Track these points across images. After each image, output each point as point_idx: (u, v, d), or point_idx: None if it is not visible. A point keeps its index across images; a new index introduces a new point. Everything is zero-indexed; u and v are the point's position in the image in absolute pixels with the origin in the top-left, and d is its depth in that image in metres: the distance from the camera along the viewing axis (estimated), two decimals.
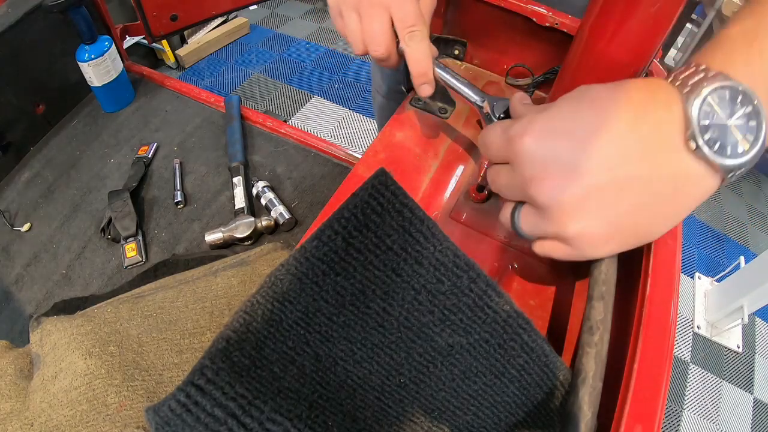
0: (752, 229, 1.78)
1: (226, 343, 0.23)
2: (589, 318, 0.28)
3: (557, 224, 0.27)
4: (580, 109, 0.27)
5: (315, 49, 2.23)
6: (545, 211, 0.27)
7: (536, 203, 0.28)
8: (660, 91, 0.25)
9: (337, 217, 0.25)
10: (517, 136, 0.28)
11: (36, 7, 0.67)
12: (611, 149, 0.25)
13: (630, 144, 0.25)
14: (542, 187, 0.27)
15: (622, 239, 0.27)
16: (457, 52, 0.54)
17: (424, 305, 0.26)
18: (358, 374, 0.26)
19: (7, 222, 0.64)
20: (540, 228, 0.28)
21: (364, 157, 0.44)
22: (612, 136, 0.25)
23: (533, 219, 0.29)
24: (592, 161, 0.25)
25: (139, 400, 0.43)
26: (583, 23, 0.36)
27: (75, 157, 0.72)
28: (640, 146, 0.25)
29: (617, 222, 0.26)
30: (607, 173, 0.25)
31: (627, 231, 0.27)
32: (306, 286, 0.25)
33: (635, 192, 0.25)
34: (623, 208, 0.26)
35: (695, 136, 0.24)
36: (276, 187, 0.67)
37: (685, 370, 1.39)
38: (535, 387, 0.28)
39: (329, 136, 1.85)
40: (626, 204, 0.26)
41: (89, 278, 0.59)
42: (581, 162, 0.25)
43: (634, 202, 0.26)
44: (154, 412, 0.21)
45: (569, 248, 0.28)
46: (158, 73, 0.86)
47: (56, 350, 0.47)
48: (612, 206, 0.26)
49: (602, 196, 0.26)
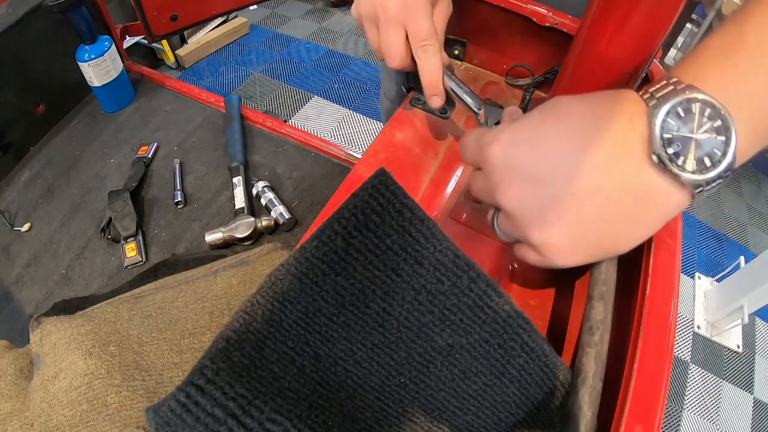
0: (752, 229, 1.78)
1: (226, 343, 0.23)
2: (589, 318, 0.28)
3: (522, 231, 0.28)
4: (546, 120, 0.27)
5: (315, 49, 2.23)
6: (511, 218, 0.28)
7: (503, 210, 0.29)
8: (626, 103, 0.25)
9: (337, 217, 0.25)
10: (487, 144, 0.29)
11: (36, 7, 0.67)
12: (571, 161, 0.25)
13: (591, 156, 0.25)
14: (507, 194, 0.27)
15: (589, 251, 0.27)
16: (457, 52, 0.54)
17: (424, 305, 0.26)
18: (358, 374, 0.26)
19: (7, 222, 0.64)
20: (513, 233, 0.29)
21: (364, 157, 0.44)
22: (572, 148, 0.25)
23: (506, 224, 0.30)
24: (553, 173, 0.26)
25: (139, 400, 0.43)
26: (582, 23, 0.36)
27: (75, 157, 0.72)
28: (601, 159, 0.25)
29: (580, 233, 0.26)
30: (567, 185, 0.25)
31: (592, 243, 0.27)
32: (306, 286, 0.25)
33: (597, 204, 0.25)
34: (585, 219, 0.26)
35: (657, 149, 0.23)
36: (276, 187, 0.67)
37: (685, 370, 1.39)
38: (535, 387, 0.28)
39: (329, 136, 1.85)
40: (588, 216, 0.26)
41: (89, 278, 0.59)
42: (542, 173, 0.26)
43: (597, 214, 0.25)
44: (154, 412, 0.21)
45: (538, 255, 0.28)
46: (158, 73, 0.86)
47: (56, 350, 0.47)
48: (573, 217, 0.26)
49: (563, 207, 0.26)
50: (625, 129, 0.24)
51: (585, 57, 0.36)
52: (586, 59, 0.36)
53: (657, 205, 0.25)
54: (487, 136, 0.29)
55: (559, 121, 0.27)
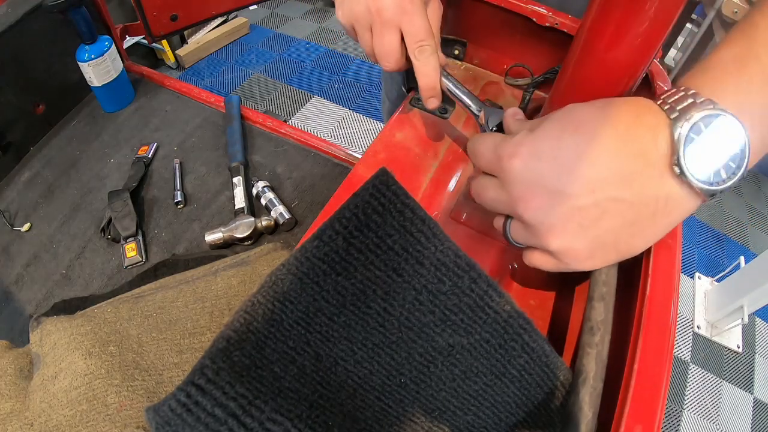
0: (752, 229, 1.78)
1: (226, 343, 0.23)
2: (589, 318, 0.28)
3: (541, 240, 0.28)
4: (565, 131, 0.28)
5: (315, 49, 2.23)
6: (530, 228, 0.29)
7: (523, 220, 0.29)
8: (647, 115, 0.26)
9: (338, 216, 0.25)
10: (506, 156, 0.29)
11: (36, 7, 0.67)
12: (594, 173, 0.26)
13: (613, 168, 0.26)
14: (528, 207, 0.28)
15: (604, 255, 0.28)
16: (457, 52, 0.54)
17: (425, 305, 0.26)
18: (359, 374, 0.26)
19: (7, 222, 0.64)
20: (528, 240, 0.30)
21: (364, 157, 0.44)
22: (595, 160, 0.26)
23: (521, 232, 0.30)
24: (575, 185, 0.26)
25: (139, 400, 0.43)
26: (583, 23, 0.36)
27: (75, 157, 0.72)
28: (623, 170, 0.26)
29: (599, 240, 0.27)
30: (589, 196, 0.26)
31: (608, 248, 0.28)
32: (307, 286, 0.25)
33: (617, 213, 0.26)
34: (605, 227, 0.27)
35: (680, 162, 0.24)
36: (276, 187, 0.67)
37: (685, 370, 1.39)
38: (535, 387, 0.28)
39: (329, 136, 1.85)
40: (608, 224, 0.27)
41: (89, 278, 0.59)
42: (565, 186, 0.26)
43: (616, 222, 0.27)
44: (154, 412, 0.21)
45: (555, 260, 0.29)
46: (158, 73, 0.86)
47: (56, 350, 0.47)
48: (594, 226, 0.27)
49: (584, 217, 0.26)
50: (646, 140, 0.25)
51: (585, 57, 0.36)
52: (586, 59, 0.36)
53: (673, 211, 0.26)
54: (505, 147, 0.29)
55: (578, 132, 0.27)
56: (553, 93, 0.39)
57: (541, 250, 0.30)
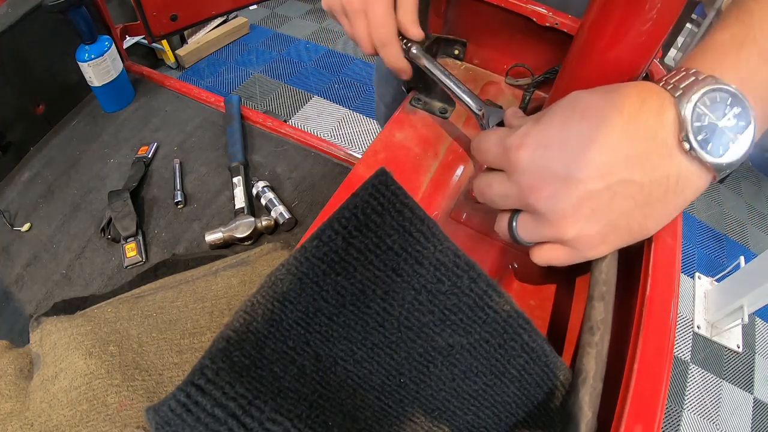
0: (752, 229, 1.78)
1: (226, 343, 0.23)
2: (589, 318, 0.28)
3: (555, 229, 0.28)
4: (571, 119, 0.28)
5: (315, 49, 2.23)
6: (543, 217, 0.28)
7: (535, 211, 0.29)
8: (652, 97, 0.26)
9: (337, 216, 0.25)
10: (513, 148, 0.29)
11: (36, 7, 0.67)
12: (603, 158, 0.26)
13: (622, 151, 0.26)
14: (540, 197, 0.28)
15: (618, 238, 0.28)
16: (457, 52, 0.54)
17: (424, 305, 0.26)
18: (359, 374, 0.26)
19: (7, 222, 0.64)
20: (539, 233, 0.29)
21: (364, 157, 0.44)
22: (603, 145, 0.26)
23: (531, 225, 0.30)
24: (585, 171, 0.26)
25: (139, 400, 0.43)
26: (582, 23, 0.36)
27: (75, 157, 0.72)
28: (632, 152, 0.26)
29: (612, 223, 0.27)
30: (600, 180, 0.26)
31: (622, 230, 0.28)
32: (306, 286, 0.25)
33: (629, 195, 0.26)
34: (618, 210, 0.27)
35: (689, 138, 0.24)
36: (276, 187, 0.67)
37: (685, 370, 1.39)
38: (535, 387, 0.28)
39: (329, 136, 1.85)
40: (620, 207, 0.27)
41: (89, 278, 0.59)
42: (575, 172, 0.26)
43: (628, 204, 0.27)
44: (154, 412, 0.21)
45: (569, 249, 0.29)
46: (158, 73, 0.86)
47: (56, 350, 0.47)
48: (606, 210, 0.27)
49: (597, 202, 0.27)
50: (653, 121, 0.26)
51: (585, 57, 0.36)
52: (586, 60, 0.36)
53: (685, 189, 0.26)
54: (512, 140, 0.29)
55: (584, 118, 0.27)
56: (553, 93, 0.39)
57: (552, 243, 0.29)
